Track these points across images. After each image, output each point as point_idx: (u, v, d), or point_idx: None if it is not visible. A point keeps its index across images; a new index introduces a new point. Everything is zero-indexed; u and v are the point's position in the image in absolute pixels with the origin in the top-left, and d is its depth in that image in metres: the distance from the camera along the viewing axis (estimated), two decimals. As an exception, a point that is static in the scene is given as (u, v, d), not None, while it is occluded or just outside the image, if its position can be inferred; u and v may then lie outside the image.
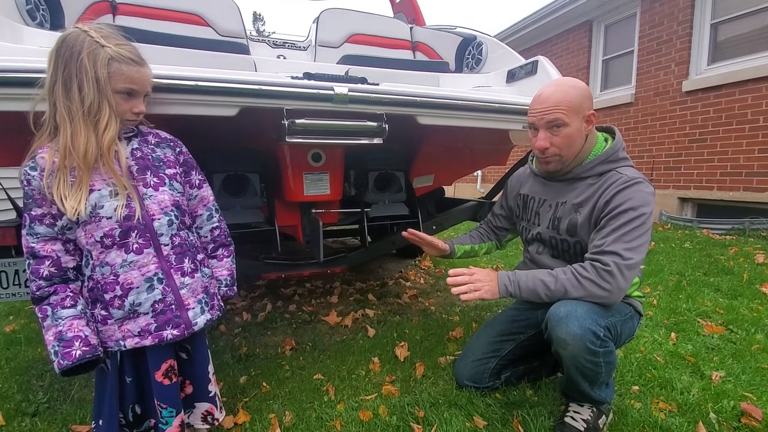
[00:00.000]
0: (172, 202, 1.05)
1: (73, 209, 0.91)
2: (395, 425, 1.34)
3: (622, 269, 1.13)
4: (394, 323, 2.19)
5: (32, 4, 1.68)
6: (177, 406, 1.07)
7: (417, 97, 1.45)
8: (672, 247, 3.64)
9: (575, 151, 1.28)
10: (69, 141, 0.92)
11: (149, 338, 0.99)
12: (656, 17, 5.02)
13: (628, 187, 1.18)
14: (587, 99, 1.24)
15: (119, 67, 0.96)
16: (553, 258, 1.38)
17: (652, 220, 1.18)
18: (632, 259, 1.13)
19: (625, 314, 1.27)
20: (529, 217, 1.47)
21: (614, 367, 1.24)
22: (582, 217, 1.26)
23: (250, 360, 1.82)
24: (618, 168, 1.25)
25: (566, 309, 1.16)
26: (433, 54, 2.78)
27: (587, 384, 1.23)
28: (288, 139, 1.35)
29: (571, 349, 1.15)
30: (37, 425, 1.39)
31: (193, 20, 2.31)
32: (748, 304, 2.28)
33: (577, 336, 1.12)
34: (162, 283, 1.01)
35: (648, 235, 1.17)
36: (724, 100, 4.34)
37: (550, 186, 1.39)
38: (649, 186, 1.21)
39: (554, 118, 1.22)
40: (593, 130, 1.30)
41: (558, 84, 1.27)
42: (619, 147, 1.28)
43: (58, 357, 0.93)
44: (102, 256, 0.97)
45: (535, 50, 6.89)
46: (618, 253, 1.13)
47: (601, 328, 1.14)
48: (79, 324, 0.97)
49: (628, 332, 1.29)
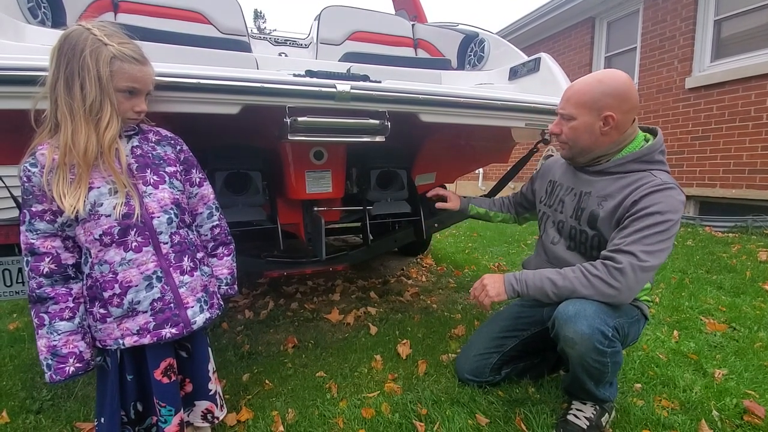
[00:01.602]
0: (172, 200, 1.05)
1: (71, 207, 0.91)
2: (398, 423, 1.34)
3: (636, 270, 1.11)
4: (396, 321, 2.19)
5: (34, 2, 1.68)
6: (176, 404, 1.07)
7: (419, 95, 1.44)
8: (674, 244, 3.63)
9: (584, 146, 1.27)
10: (69, 138, 0.92)
11: (148, 337, 0.99)
12: (659, 14, 5.00)
13: (659, 191, 1.15)
14: (610, 98, 1.18)
15: (121, 65, 0.95)
16: (567, 250, 1.36)
17: (678, 227, 1.16)
18: (648, 262, 1.11)
19: (633, 316, 1.26)
20: (552, 203, 1.45)
21: (620, 366, 1.24)
22: (604, 211, 1.23)
23: (252, 357, 1.83)
24: (653, 170, 1.21)
25: (575, 308, 1.15)
26: (435, 51, 2.77)
27: (593, 383, 1.23)
28: (290, 136, 1.34)
29: (579, 349, 1.15)
30: (41, 422, 1.40)
31: (195, 18, 2.31)
32: (751, 302, 2.28)
33: (585, 335, 1.12)
34: (161, 281, 1.00)
35: (670, 242, 1.14)
36: (728, 97, 4.32)
37: (579, 176, 1.36)
38: (681, 194, 1.17)
39: (562, 110, 1.28)
40: (626, 129, 1.23)
41: (589, 77, 1.24)
42: (657, 149, 1.23)
43: (51, 371, 0.96)
44: (101, 254, 0.96)
45: (537, 47, 6.87)
46: (634, 254, 1.12)
47: (609, 328, 1.13)
48: (74, 340, 0.98)
49: (633, 334, 1.29)
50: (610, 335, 1.13)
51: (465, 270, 3.28)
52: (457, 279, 3.06)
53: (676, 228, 1.15)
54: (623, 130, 1.23)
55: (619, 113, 1.19)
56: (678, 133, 4.85)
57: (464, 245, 4.23)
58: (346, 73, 1.49)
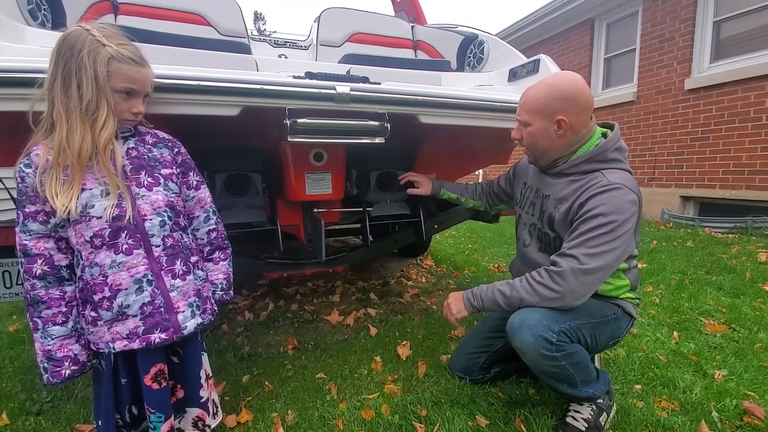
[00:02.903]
0: (166, 203, 1.03)
1: (63, 207, 0.90)
2: (398, 424, 1.34)
3: (576, 273, 1.12)
4: (396, 322, 2.19)
5: (34, 4, 1.68)
6: (166, 411, 1.04)
7: (419, 96, 1.45)
8: (674, 245, 3.63)
9: (542, 150, 1.30)
10: (65, 138, 0.91)
11: (137, 341, 0.97)
12: (658, 15, 5.00)
13: (603, 192, 1.16)
14: (560, 102, 1.20)
15: (119, 66, 0.95)
16: (539, 252, 1.38)
17: (629, 227, 1.14)
18: (589, 264, 1.12)
19: (605, 316, 1.26)
20: (524, 205, 1.48)
21: (586, 365, 1.22)
22: (560, 214, 1.26)
23: (252, 359, 1.82)
24: (604, 170, 1.21)
25: (520, 318, 1.19)
26: (435, 53, 2.77)
27: (565, 385, 1.23)
28: (290, 138, 1.35)
29: (529, 357, 1.19)
30: (41, 424, 1.40)
31: (195, 20, 2.31)
32: (751, 303, 2.28)
33: (530, 344, 1.15)
34: (151, 285, 0.98)
35: (618, 242, 1.13)
36: (727, 98, 4.32)
37: (543, 178, 1.39)
38: (630, 193, 1.16)
39: (519, 116, 1.31)
40: (581, 129, 1.24)
41: (540, 83, 1.27)
42: (610, 147, 1.23)
43: (48, 374, 0.97)
44: (91, 256, 0.95)
45: (536, 48, 6.88)
46: (576, 257, 1.13)
47: (553, 333, 1.14)
48: (68, 344, 0.98)
49: (609, 334, 1.28)
50: (555, 340, 1.14)
51: (465, 271, 3.28)
52: (457, 280, 3.06)
53: (625, 228, 1.14)
54: (578, 131, 1.24)
55: (572, 116, 1.21)
56: (677, 134, 4.86)
57: (464, 246, 4.23)
58: (345, 75, 1.49)
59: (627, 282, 1.31)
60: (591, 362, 1.26)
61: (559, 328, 1.16)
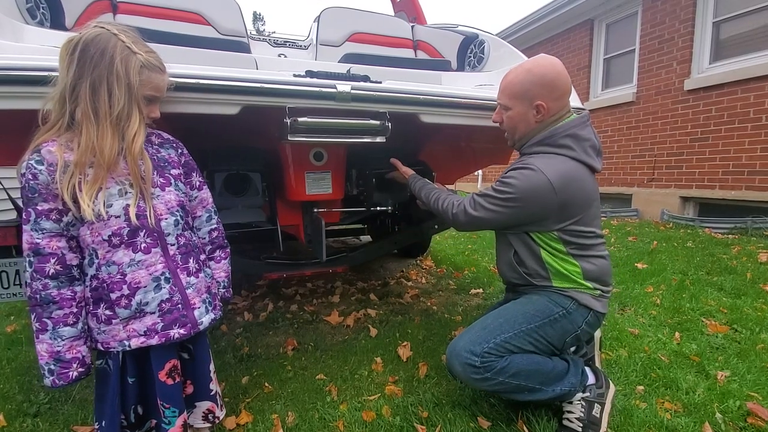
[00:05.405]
0: (178, 203, 1.06)
1: (90, 209, 0.90)
2: (399, 426, 1.33)
3: (465, 212, 1.30)
4: (396, 323, 2.18)
5: (32, 2, 1.67)
6: (180, 405, 1.07)
7: (420, 95, 1.44)
8: (674, 246, 3.63)
9: (521, 133, 1.33)
10: (95, 141, 0.92)
11: (156, 337, 0.99)
12: (658, 15, 5.01)
13: (517, 169, 1.23)
14: (539, 86, 1.23)
15: (149, 75, 0.98)
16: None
17: (525, 205, 1.20)
18: (473, 213, 1.28)
19: (550, 316, 1.23)
20: None
21: (533, 370, 1.20)
22: None
23: (252, 360, 1.81)
24: (545, 152, 1.25)
25: (450, 348, 1.23)
26: (435, 53, 2.76)
27: (526, 393, 1.22)
28: (290, 137, 1.34)
29: (469, 385, 1.23)
30: (38, 426, 1.38)
31: (194, 19, 2.30)
32: (752, 303, 2.27)
33: (460, 373, 1.20)
34: (169, 282, 1.01)
35: (502, 209, 1.23)
36: (726, 99, 4.32)
37: None
38: (542, 177, 1.17)
39: (499, 100, 1.34)
40: (554, 115, 1.27)
41: (519, 67, 1.29)
42: (561, 132, 1.23)
43: (53, 376, 0.95)
44: (108, 255, 0.96)
45: (536, 48, 6.88)
46: (473, 200, 1.29)
47: (475, 357, 1.16)
48: (77, 345, 0.97)
49: (561, 331, 1.24)
50: (479, 363, 1.15)
51: (465, 272, 3.27)
52: (457, 281, 3.05)
53: (519, 203, 1.21)
54: (555, 114, 1.27)
55: (550, 101, 1.23)
56: (677, 134, 4.86)
57: (464, 247, 4.23)
58: (346, 74, 1.48)
59: (577, 267, 1.25)
60: (544, 362, 1.23)
61: (482, 349, 1.17)
